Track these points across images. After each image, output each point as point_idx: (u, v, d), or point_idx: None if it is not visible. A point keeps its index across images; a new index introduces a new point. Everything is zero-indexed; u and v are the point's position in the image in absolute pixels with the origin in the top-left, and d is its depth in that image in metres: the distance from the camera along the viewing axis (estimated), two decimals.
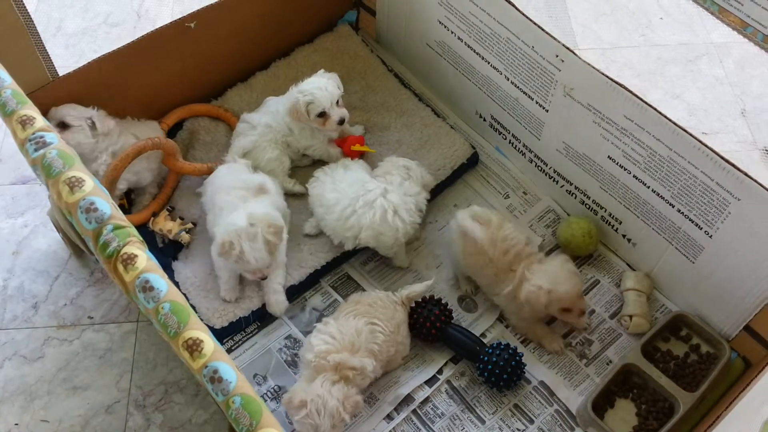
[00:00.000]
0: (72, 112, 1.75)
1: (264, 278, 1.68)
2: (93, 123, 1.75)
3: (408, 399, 1.66)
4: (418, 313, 1.69)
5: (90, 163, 1.77)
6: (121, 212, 1.11)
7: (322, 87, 1.81)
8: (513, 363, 1.62)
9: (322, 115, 1.83)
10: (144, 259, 1.06)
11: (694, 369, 1.67)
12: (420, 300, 1.72)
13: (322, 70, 1.88)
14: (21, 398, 1.72)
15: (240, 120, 1.93)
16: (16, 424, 1.69)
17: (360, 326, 1.57)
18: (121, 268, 1.05)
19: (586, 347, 1.74)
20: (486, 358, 1.63)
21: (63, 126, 1.73)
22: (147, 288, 1.03)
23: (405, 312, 1.67)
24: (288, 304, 1.76)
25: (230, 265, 1.66)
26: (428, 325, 1.67)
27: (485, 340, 1.72)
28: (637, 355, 1.65)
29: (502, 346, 1.64)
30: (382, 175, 1.78)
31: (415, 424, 1.63)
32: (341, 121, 1.85)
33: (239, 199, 1.69)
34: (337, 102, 1.84)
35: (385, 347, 1.59)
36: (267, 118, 1.88)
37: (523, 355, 1.66)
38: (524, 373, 1.66)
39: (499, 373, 1.62)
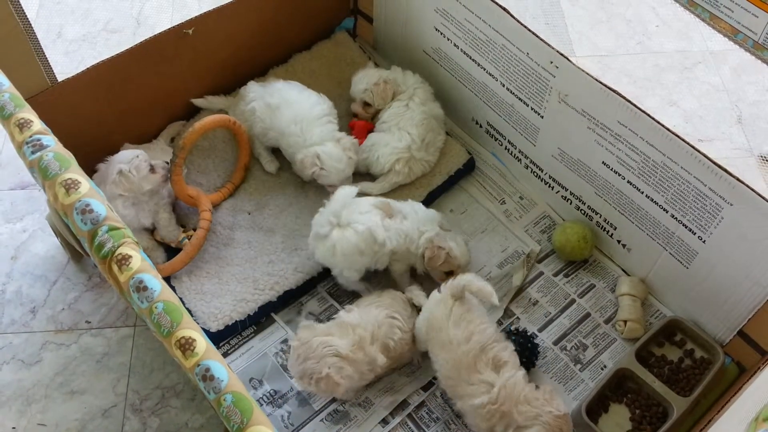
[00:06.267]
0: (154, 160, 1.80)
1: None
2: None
3: (403, 404, 1.66)
4: None
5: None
6: (115, 213, 1.12)
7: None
8: (529, 346, 1.68)
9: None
10: (138, 259, 1.07)
11: (688, 374, 1.68)
12: None
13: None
14: (18, 402, 1.73)
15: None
16: (14, 428, 1.69)
17: (381, 318, 1.59)
18: (115, 268, 1.07)
19: (581, 352, 1.74)
20: None
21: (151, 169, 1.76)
22: (141, 288, 1.04)
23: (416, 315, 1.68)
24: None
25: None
26: None
27: None
28: (631, 360, 1.66)
29: (515, 332, 1.70)
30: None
31: (410, 428, 1.63)
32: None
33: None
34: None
35: (400, 345, 1.60)
36: None
37: (536, 336, 1.73)
38: (539, 355, 1.71)
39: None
